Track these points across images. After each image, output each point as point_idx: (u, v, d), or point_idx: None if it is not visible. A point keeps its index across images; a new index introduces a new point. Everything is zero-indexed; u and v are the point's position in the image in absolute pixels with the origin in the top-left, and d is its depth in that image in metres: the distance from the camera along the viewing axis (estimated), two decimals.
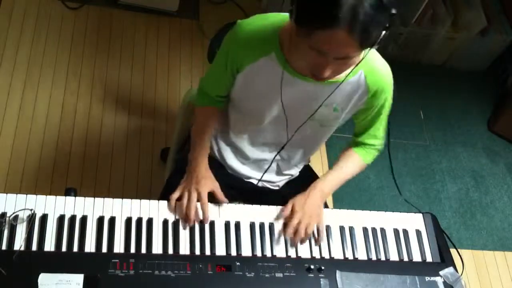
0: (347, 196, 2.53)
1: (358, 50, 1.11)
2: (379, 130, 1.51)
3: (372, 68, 1.33)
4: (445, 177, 2.75)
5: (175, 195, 1.38)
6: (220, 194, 1.42)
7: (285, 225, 1.39)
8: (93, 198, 1.32)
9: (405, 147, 2.80)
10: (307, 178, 1.69)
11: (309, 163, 1.76)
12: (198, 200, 1.37)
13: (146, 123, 2.45)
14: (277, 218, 1.41)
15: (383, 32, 1.08)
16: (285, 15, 1.30)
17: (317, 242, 1.40)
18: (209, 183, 1.42)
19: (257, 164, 1.61)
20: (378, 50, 1.36)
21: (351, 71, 1.28)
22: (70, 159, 2.26)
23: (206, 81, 1.52)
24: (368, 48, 1.13)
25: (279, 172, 1.64)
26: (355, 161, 1.56)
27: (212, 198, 1.43)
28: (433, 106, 3.02)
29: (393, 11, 1.06)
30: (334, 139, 2.68)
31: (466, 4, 2.97)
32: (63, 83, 2.46)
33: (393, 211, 1.51)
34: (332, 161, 2.60)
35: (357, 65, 1.23)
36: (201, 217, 1.36)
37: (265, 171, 1.60)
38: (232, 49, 1.34)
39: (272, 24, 1.30)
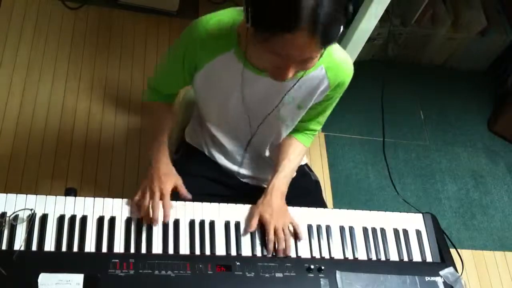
0: (347, 196, 2.53)
1: (320, 50, 1.09)
2: (325, 117, 1.51)
3: (333, 62, 1.31)
4: (445, 177, 2.75)
5: (137, 197, 1.34)
6: (183, 190, 1.38)
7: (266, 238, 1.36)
8: (93, 198, 1.32)
9: (405, 147, 2.80)
10: (305, 178, 1.69)
11: (307, 163, 1.75)
12: (161, 198, 1.34)
13: (146, 123, 2.45)
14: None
15: (341, 29, 1.06)
16: (241, 9, 1.27)
17: (299, 238, 1.38)
18: (171, 179, 1.38)
19: (245, 162, 1.61)
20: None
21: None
22: (70, 159, 2.26)
23: (159, 79, 1.48)
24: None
25: (265, 169, 1.63)
26: (300, 150, 1.54)
27: (210, 198, 1.43)
28: (433, 106, 3.02)
29: (350, 7, 1.04)
30: (334, 139, 2.69)
31: (466, 4, 2.97)
32: (63, 83, 2.46)
33: (393, 211, 1.51)
34: (332, 161, 2.61)
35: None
36: (161, 216, 1.32)
37: (240, 166, 1.60)
38: (189, 49, 1.31)
39: (229, 20, 1.27)
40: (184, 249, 1.30)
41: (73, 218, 1.28)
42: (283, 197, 1.44)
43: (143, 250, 1.27)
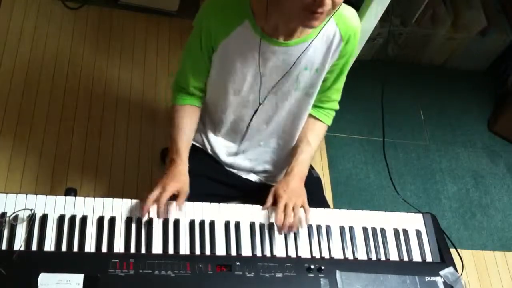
0: (347, 196, 2.53)
1: None
2: (342, 82, 1.52)
3: (342, 16, 1.35)
4: (445, 177, 2.75)
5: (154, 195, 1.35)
6: (182, 199, 1.37)
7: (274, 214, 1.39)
8: (93, 198, 1.32)
9: (405, 147, 2.80)
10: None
11: None
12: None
13: (146, 123, 2.45)
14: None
15: None
16: None
17: (306, 222, 1.40)
18: (177, 182, 1.39)
19: (251, 154, 1.60)
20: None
21: (322, 26, 1.30)
22: (70, 159, 2.26)
23: (182, 73, 1.48)
24: None
25: (276, 157, 1.63)
26: (319, 130, 1.56)
27: (211, 198, 1.43)
28: (433, 106, 3.01)
29: None
30: (334, 139, 2.69)
31: (466, 4, 2.97)
32: (63, 83, 2.46)
33: (393, 211, 1.51)
34: (332, 161, 2.61)
35: (330, 18, 1.27)
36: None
37: (244, 138, 1.58)
38: (204, 28, 1.33)
39: None
40: (184, 249, 1.30)
41: (73, 218, 1.28)
42: (302, 179, 1.47)
43: (143, 250, 1.27)
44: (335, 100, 1.56)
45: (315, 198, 1.60)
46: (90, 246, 1.25)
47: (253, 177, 1.63)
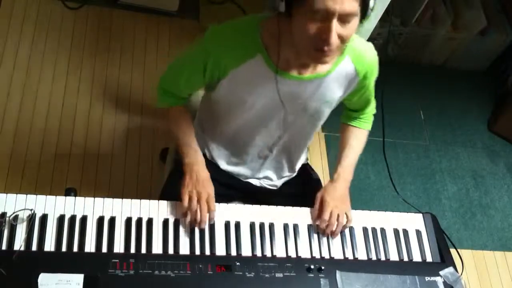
0: None
1: (358, 8, 1.11)
2: (372, 96, 1.55)
3: (358, 52, 1.35)
4: (445, 177, 2.75)
5: (185, 200, 1.35)
6: (213, 201, 1.40)
7: (318, 218, 1.42)
8: (93, 198, 1.32)
9: (405, 147, 2.80)
10: (306, 177, 1.69)
11: (308, 162, 1.75)
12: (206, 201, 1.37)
13: (146, 123, 2.45)
14: (278, 218, 1.41)
15: None
16: (257, 16, 1.30)
17: (345, 227, 1.43)
18: (211, 185, 1.42)
19: (252, 165, 1.60)
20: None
21: (334, 63, 1.31)
22: (70, 159, 2.26)
23: (174, 81, 1.46)
24: (360, 21, 1.16)
25: (277, 169, 1.63)
26: (360, 135, 1.59)
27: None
28: (433, 106, 3.02)
29: None
30: (334, 139, 2.69)
31: (466, 4, 2.97)
32: (63, 83, 2.46)
33: (393, 211, 1.51)
34: (332, 161, 2.61)
35: (343, 52, 1.27)
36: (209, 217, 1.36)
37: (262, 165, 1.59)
38: (213, 56, 1.30)
39: (250, 26, 1.29)
40: (184, 249, 1.30)
41: (73, 218, 1.28)
42: (347, 185, 1.51)
43: (143, 250, 1.27)
44: (371, 109, 1.60)
45: (315, 200, 1.61)
46: (90, 246, 1.25)
47: (253, 181, 1.64)
